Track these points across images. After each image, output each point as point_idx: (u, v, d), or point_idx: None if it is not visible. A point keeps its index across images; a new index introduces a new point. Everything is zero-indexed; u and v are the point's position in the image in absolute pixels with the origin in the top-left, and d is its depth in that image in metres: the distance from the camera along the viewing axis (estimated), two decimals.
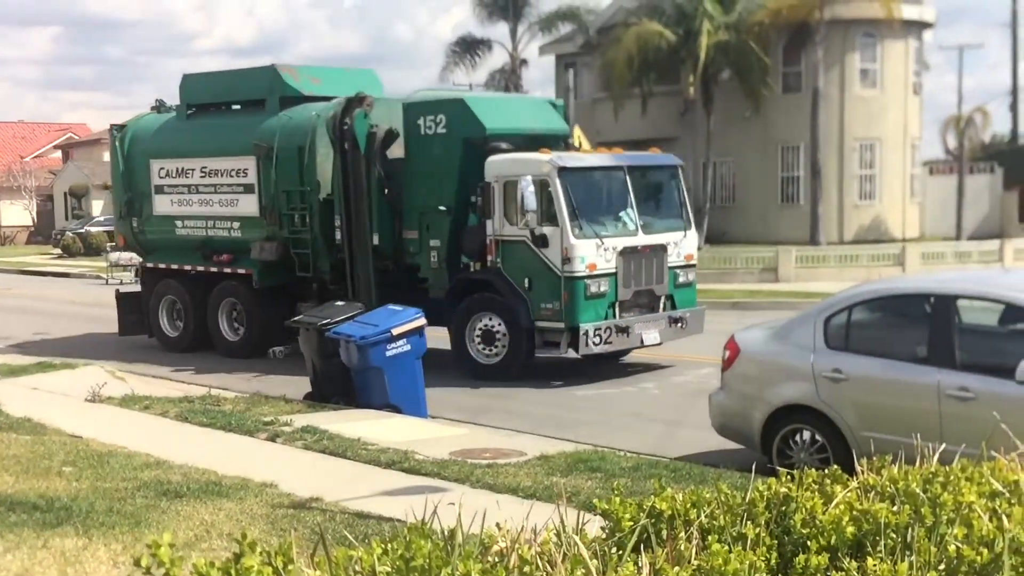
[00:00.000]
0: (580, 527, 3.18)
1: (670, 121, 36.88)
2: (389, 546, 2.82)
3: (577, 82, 37.80)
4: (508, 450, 9.96)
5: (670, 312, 15.12)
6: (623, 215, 14.89)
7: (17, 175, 59.14)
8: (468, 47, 43.22)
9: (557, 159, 14.38)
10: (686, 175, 17.22)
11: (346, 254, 15.73)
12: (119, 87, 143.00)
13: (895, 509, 3.25)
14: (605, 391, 14.02)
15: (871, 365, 8.63)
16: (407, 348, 11.82)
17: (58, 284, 34.05)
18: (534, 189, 13.88)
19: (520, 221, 14.26)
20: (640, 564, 2.85)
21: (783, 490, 3.43)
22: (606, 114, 35.81)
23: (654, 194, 15.80)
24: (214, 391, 13.31)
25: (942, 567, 2.98)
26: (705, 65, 34.00)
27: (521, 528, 3.04)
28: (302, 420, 11.08)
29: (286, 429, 10.71)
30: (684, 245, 15.37)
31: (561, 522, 3.21)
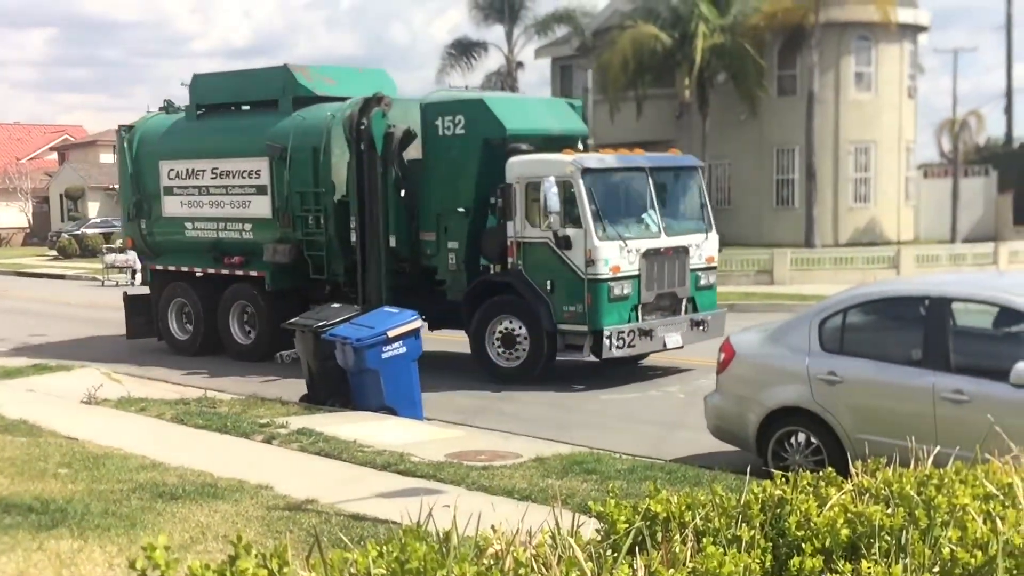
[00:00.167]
0: (575, 529, 3.19)
1: (665, 124, 36.87)
2: (384, 548, 2.82)
3: (573, 84, 37.86)
4: (504, 452, 9.96)
5: (692, 315, 15.00)
6: (645, 217, 14.78)
7: (13, 177, 59.03)
8: (464, 49, 43.16)
9: (581, 160, 14.26)
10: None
11: (358, 256, 15.66)
12: (115, 89, 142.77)
13: (889, 512, 3.25)
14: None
15: (866, 368, 8.64)
16: (403, 350, 11.80)
17: (54, 286, 33.99)
18: (557, 190, 13.72)
19: (543, 223, 14.09)
20: (635, 566, 2.86)
21: (778, 492, 3.43)
22: (601, 116, 35.79)
23: (675, 196, 15.64)
24: (210, 393, 13.29)
25: (936, 569, 2.98)
26: (700, 68, 34.03)
27: (516, 530, 3.05)
28: (298, 422, 11.08)
29: (282, 431, 10.72)
30: (705, 247, 15.26)
31: (556, 524, 3.22)
